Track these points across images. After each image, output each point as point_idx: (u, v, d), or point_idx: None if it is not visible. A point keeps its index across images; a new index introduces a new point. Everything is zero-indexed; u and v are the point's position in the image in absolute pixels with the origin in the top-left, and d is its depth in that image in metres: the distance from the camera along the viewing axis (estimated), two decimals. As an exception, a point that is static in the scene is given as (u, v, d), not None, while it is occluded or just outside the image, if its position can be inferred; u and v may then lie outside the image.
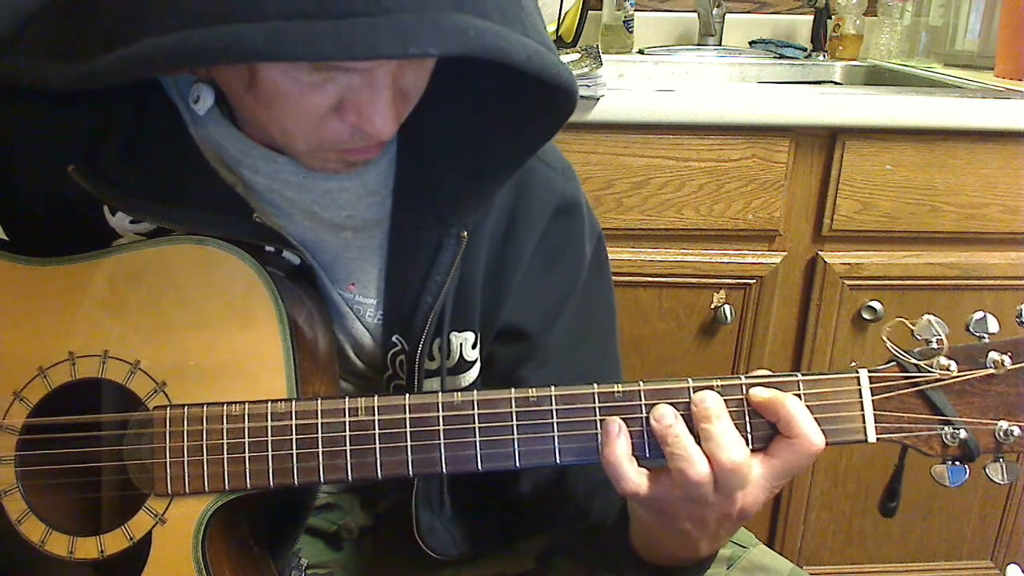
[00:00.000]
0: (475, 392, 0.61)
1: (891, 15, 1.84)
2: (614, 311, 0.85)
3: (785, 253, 1.40)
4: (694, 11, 1.89)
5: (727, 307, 1.40)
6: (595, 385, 0.61)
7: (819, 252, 1.40)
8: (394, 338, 0.71)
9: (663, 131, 1.31)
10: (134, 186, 0.66)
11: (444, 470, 0.61)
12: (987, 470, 0.61)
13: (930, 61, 1.84)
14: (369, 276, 0.72)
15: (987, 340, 0.61)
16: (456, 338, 0.73)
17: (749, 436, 0.60)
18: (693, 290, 1.40)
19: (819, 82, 1.81)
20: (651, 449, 0.60)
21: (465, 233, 0.68)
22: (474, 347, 0.75)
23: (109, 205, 0.67)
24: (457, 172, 0.68)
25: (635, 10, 1.84)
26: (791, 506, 1.54)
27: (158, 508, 0.63)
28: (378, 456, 0.61)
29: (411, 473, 0.61)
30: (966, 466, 0.61)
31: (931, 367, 0.60)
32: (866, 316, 1.41)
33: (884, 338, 0.62)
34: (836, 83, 1.82)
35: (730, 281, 1.40)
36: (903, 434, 0.61)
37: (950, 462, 0.61)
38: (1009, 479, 0.61)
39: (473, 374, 0.76)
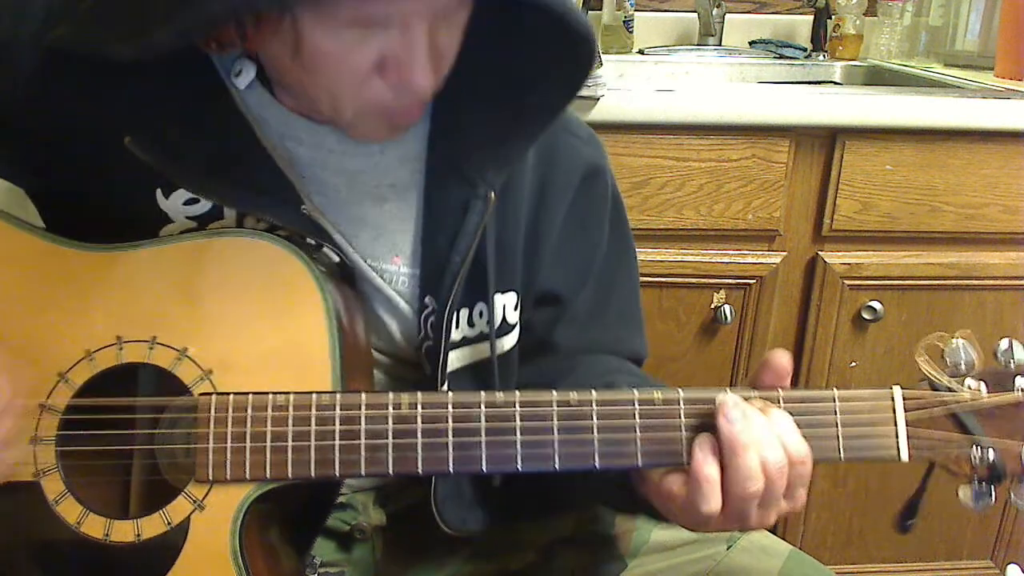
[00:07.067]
0: (517, 393, 0.62)
1: (891, 15, 1.84)
2: (636, 270, 0.88)
3: (785, 253, 1.40)
4: (694, 11, 1.89)
5: (727, 307, 1.39)
6: (635, 391, 0.62)
7: (819, 252, 1.39)
8: (426, 299, 0.73)
9: (663, 131, 1.31)
10: (189, 161, 0.67)
11: (484, 469, 0.62)
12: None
13: (930, 61, 1.84)
14: (408, 244, 0.74)
15: (1013, 367, 0.61)
16: (499, 299, 0.76)
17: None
18: (693, 290, 1.40)
19: (819, 82, 1.81)
20: (690, 455, 0.61)
21: (492, 194, 0.70)
22: (515, 309, 0.77)
23: (168, 177, 0.68)
24: (483, 136, 0.71)
25: (635, 10, 1.84)
26: (791, 506, 1.54)
27: (198, 494, 0.63)
28: (420, 451, 0.62)
29: (452, 470, 0.62)
30: (992, 488, 0.62)
31: (962, 388, 0.61)
32: (866, 316, 1.41)
33: (918, 358, 0.62)
34: (836, 83, 1.82)
35: (730, 281, 1.40)
36: (933, 453, 0.62)
37: (976, 483, 0.62)
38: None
39: (513, 338, 0.78)
